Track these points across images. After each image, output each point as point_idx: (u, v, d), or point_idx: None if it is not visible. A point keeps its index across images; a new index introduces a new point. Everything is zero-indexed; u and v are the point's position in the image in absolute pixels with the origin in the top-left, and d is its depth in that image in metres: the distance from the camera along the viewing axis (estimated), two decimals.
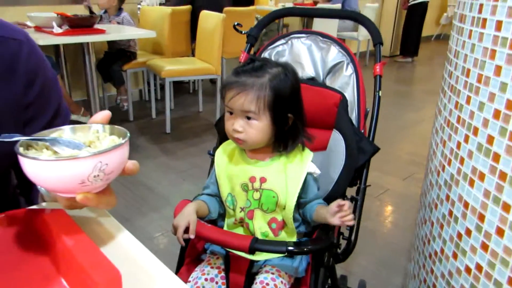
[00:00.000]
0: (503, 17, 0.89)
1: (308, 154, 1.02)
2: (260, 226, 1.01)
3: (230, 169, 1.04)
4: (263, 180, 0.99)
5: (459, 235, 1.07)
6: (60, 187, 0.49)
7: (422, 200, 1.39)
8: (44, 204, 0.71)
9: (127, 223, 2.08)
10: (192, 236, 0.91)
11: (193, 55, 3.95)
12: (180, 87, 4.56)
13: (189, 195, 1.09)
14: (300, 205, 1.02)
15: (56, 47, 3.26)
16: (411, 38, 6.37)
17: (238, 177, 1.01)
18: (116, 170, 0.52)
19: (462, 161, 1.05)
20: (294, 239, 1.03)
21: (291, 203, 0.97)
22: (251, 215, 1.01)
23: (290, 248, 0.90)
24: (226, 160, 1.05)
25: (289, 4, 5.65)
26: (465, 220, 1.04)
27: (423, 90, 5.01)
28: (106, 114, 0.60)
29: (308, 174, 1.00)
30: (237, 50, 3.89)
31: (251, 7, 4.42)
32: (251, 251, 0.90)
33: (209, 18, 3.34)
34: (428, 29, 7.99)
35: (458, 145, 1.07)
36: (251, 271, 1.02)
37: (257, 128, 0.94)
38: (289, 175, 0.99)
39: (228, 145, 1.09)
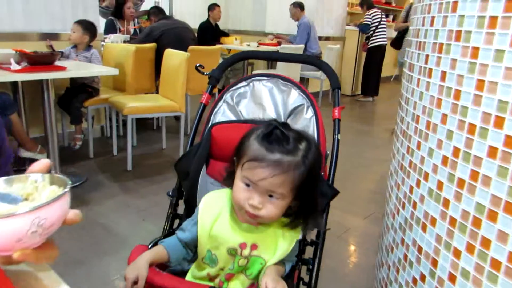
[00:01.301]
0: (447, 68, 0.94)
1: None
2: None
3: (217, 230, 0.95)
4: (253, 247, 0.93)
5: (414, 281, 1.08)
6: None
7: (380, 242, 1.40)
8: None
9: (82, 267, 1.98)
10: None
11: (157, 92, 3.93)
12: (144, 124, 4.51)
13: (149, 235, 1.05)
14: None
15: (14, 83, 3.17)
16: (371, 79, 6.62)
17: (227, 241, 0.94)
18: (56, 223, 0.49)
19: (414, 205, 1.08)
20: None
21: None
22: (230, 276, 0.96)
23: None
24: (213, 219, 0.97)
25: (254, 44, 5.79)
26: (419, 265, 1.05)
27: (384, 129, 5.16)
28: (45, 162, 0.57)
29: None
30: (201, 88, 3.89)
31: (215, 46, 4.50)
32: None
33: (173, 56, 3.37)
34: (388, 70, 8.37)
35: (411, 189, 1.10)
36: None
37: (278, 206, 0.88)
38: (280, 242, 0.94)
39: (214, 200, 1.01)
